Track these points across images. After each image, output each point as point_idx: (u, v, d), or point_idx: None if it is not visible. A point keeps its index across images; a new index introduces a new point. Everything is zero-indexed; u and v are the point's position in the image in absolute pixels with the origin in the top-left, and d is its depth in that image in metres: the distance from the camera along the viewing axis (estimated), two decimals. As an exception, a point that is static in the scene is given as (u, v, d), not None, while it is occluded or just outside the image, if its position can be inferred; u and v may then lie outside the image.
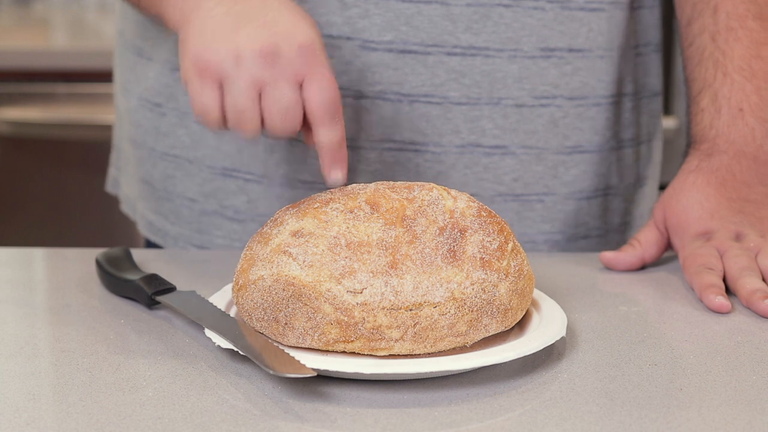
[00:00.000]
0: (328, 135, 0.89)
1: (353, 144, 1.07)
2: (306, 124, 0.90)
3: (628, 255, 1.04)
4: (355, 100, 1.06)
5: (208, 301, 0.87)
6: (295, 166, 1.09)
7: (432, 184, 0.84)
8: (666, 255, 1.07)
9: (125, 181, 1.26)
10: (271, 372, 0.73)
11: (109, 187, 1.32)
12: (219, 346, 0.83)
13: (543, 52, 1.08)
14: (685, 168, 1.06)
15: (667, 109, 1.96)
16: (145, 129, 1.17)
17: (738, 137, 1.04)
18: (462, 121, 1.07)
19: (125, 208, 1.28)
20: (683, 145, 1.09)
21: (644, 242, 1.05)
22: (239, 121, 0.88)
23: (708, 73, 1.07)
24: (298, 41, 0.88)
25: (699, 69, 1.08)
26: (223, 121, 0.89)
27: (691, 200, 1.03)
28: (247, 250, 0.83)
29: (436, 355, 0.78)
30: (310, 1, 1.04)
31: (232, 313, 0.85)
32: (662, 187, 1.97)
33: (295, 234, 0.80)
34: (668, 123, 1.93)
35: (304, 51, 0.88)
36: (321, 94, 0.88)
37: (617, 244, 1.17)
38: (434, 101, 1.07)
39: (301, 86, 0.88)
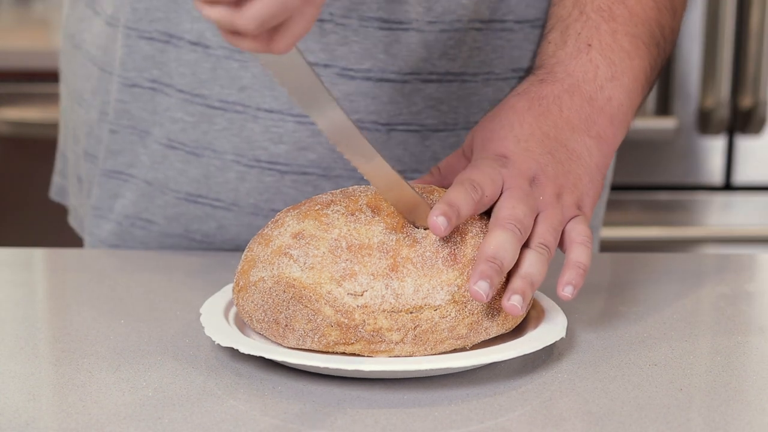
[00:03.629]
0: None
1: (330, 173, 1.04)
2: None
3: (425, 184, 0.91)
4: None
5: None
6: (267, 196, 1.05)
7: (433, 187, 0.84)
8: (666, 254, 1.07)
9: (73, 193, 1.20)
10: None
11: (54, 195, 1.25)
12: (218, 344, 0.83)
13: (514, 73, 1.05)
14: (513, 91, 0.92)
15: (667, 109, 1.96)
16: (103, 144, 1.10)
17: (578, 70, 0.91)
18: (440, 148, 1.05)
19: (74, 222, 1.21)
20: (683, 145, 1.07)
21: (445, 169, 0.92)
22: None
23: (565, 10, 0.96)
24: None
25: (557, 8, 0.98)
26: None
27: (504, 122, 0.88)
28: (248, 251, 0.83)
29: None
30: None
31: (232, 313, 0.85)
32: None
33: (296, 236, 0.80)
34: (668, 123, 1.93)
35: None
36: None
37: None
38: (412, 129, 1.04)
39: None
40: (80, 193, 1.17)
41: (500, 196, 0.82)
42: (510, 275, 0.80)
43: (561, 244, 0.84)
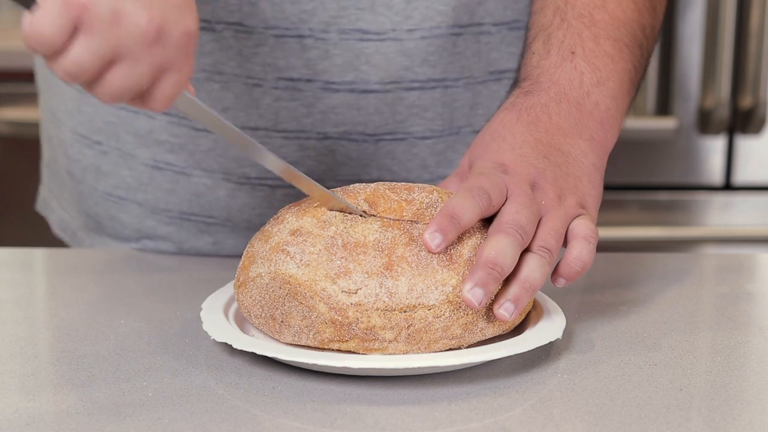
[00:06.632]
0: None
1: (321, 185, 1.04)
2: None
3: None
4: (319, 142, 1.03)
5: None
6: (259, 211, 1.06)
7: (432, 187, 0.84)
8: (666, 254, 1.07)
9: (60, 205, 1.19)
10: None
11: (39, 207, 1.24)
12: (219, 344, 0.83)
13: (492, 76, 1.06)
14: (500, 107, 0.92)
15: (667, 109, 1.96)
16: (84, 166, 1.11)
17: (563, 79, 0.91)
18: (428, 155, 1.06)
19: (60, 232, 1.20)
20: (683, 145, 1.07)
21: None
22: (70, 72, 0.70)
23: (546, 19, 0.96)
24: (185, 27, 0.73)
25: (538, 17, 0.97)
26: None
27: (495, 135, 0.88)
28: (249, 247, 0.84)
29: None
30: (268, 44, 1.00)
31: (233, 309, 0.85)
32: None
33: (294, 233, 0.80)
34: (668, 123, 1.93)
35: (186, 40, 0.73)
36: (174, 90, 0.74)
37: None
38: (398, 138, 1.04)
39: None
40: (71, 206, 1.17)
41: (504, 202, 0.82)
42: (509, 279, 0.79)
43: (564, 241, 0.84)
